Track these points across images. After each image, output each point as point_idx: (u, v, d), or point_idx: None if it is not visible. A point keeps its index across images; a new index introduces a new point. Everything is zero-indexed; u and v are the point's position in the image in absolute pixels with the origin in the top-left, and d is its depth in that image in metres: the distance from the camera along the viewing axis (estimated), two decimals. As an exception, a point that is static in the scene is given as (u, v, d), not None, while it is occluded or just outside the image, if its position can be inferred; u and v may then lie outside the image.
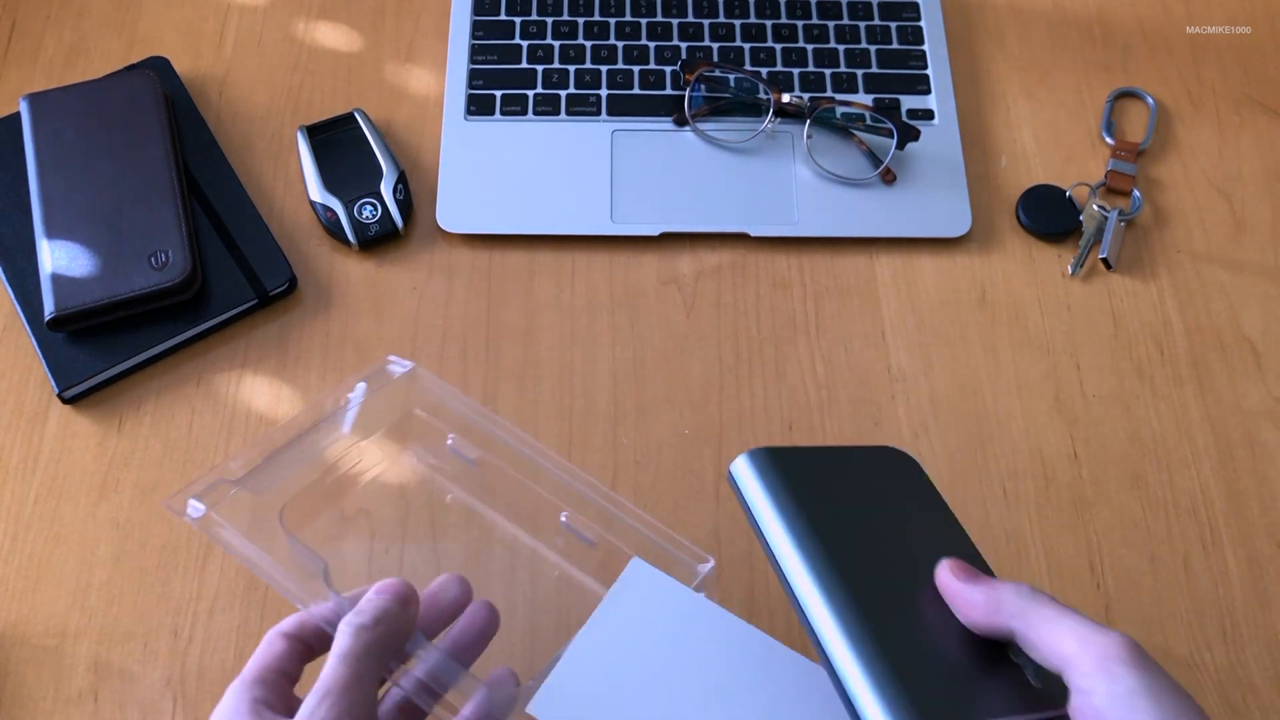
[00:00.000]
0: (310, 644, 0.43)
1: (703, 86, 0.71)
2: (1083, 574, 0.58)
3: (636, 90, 0.72)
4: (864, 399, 0.63)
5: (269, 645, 0.42)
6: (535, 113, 0.71)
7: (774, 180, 0.69)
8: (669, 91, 0.72)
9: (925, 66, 0.73)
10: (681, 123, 0.71)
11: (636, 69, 0.72)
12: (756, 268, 0.67)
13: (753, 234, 0.67)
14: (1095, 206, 0.68)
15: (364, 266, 0.66)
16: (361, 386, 0.55)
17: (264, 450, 0.50)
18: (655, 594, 0.42)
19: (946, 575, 0.37)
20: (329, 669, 0.38)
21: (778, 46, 0.74)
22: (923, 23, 0.75)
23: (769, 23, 0.74)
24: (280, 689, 0.40)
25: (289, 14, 0.75)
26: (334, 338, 0.64)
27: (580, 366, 0.63)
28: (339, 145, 0.69)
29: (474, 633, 0.46)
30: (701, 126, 0.70)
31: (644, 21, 0.74)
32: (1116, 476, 0.61)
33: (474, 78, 0.72)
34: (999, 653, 0.36)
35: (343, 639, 0.39)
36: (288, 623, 0.43)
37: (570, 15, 0.74)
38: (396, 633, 0.41)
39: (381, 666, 0.40)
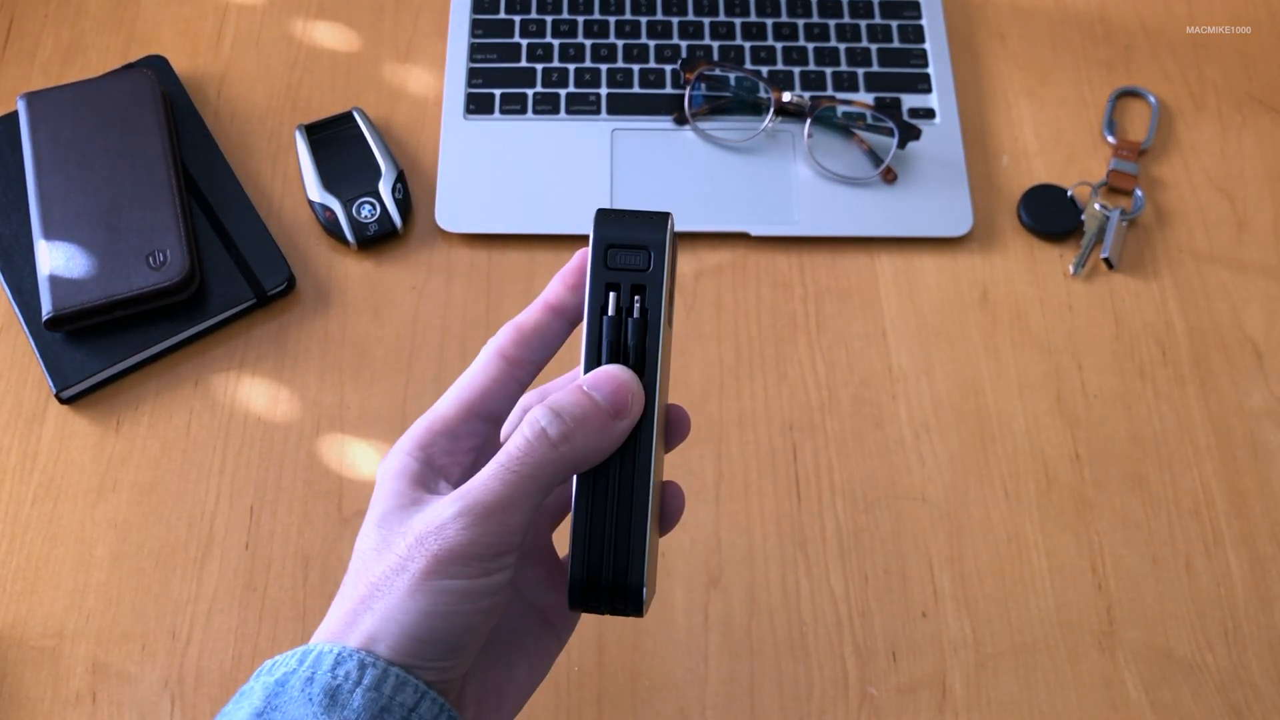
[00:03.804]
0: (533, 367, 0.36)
1: (703, 85, 0.71)
2: (1084, 575, 0.58)
3: (636, 89, 0.71)
4: (865, 399, 0.63)
5: (485, 369, 0.36)
6: (535, 111, 0.71)
7: (774, 179, 0.69)
8: (669, 90, 0.71)
9: (926, 65, 0.73)
10: (681, 122, 0.70)
11: (636, 67, 0.72)
12: (757, 267, 0.67)
13: (753, 234, 0.67)
14: (1097, 206, 0.68)
15: (363, 266, 0.66)
16: None
17: None
18: None
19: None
20: (485, 476, 0.32)
21: (778, 45, 0.73)
22: (924, 21, 0.74)
23: (769, 21, 0.74)
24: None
25: (287, 13, 0.75)
26: (333, 338, 0.64)
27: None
28: (337, 144, 0.68)
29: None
30: (702, 125, 0.70)
31: (644, 20, 0.74)
32: (1118, 477, 0.61)
33: (473, 76, 0.72)
34: None
35: (514, 444, 0.33)
36: (508, 336, 0.36)
37: (570, 14, 0.74)
38: (587, 454, 0.33)
39: (552, 488, 0.33)
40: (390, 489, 0.34)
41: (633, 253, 0.35)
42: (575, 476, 0.34)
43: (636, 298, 0.35)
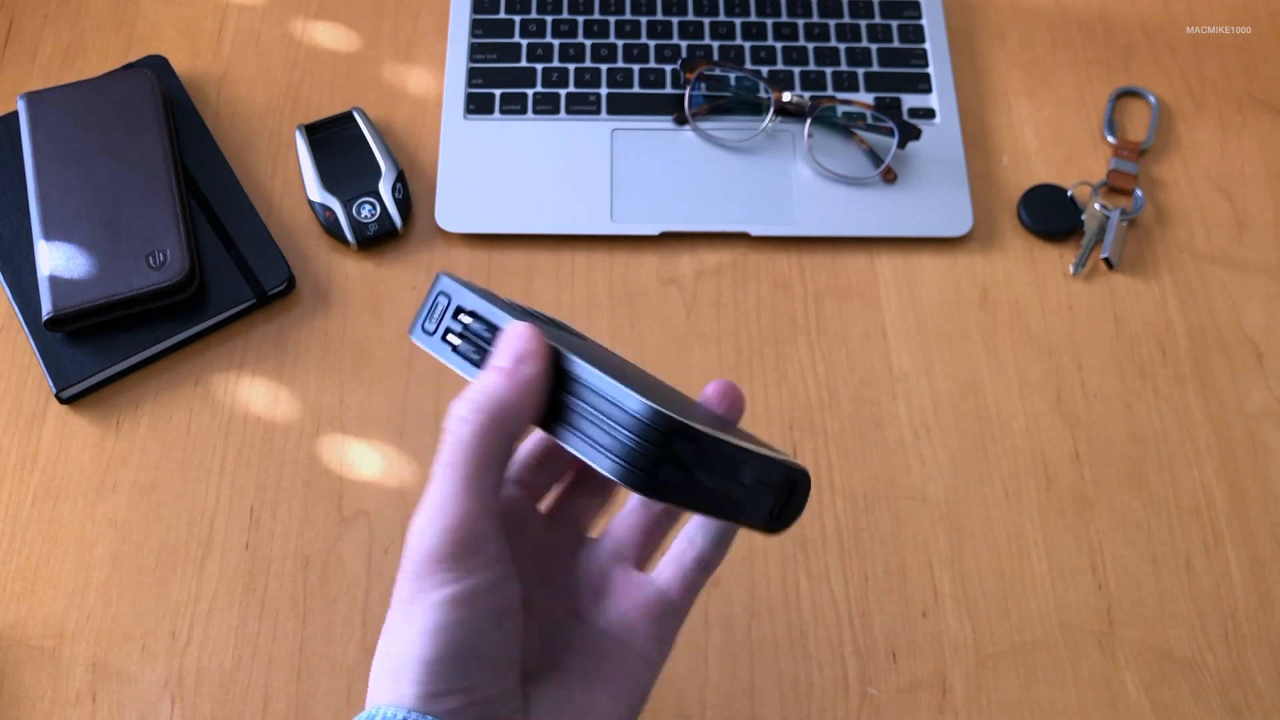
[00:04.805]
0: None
1: (703, 85, 0.71)
2: (1084, 575, 0.58)
3: (636, 89, 0.71)
4: (865, 399, 0.63)
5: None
6: (535, 111, 0.71)
7: (774, 179, 0.69)
8: (669, 90, 0.71)
9: (926, 65, 0.73)
10: (682, 121, 0.70)
11: (636, 67, 0.72)
12: (757, 267, 0.67)
13: (753, 233, 0.67)
14: (1097, 206, 0.68)
15: (362, 266, 0.66)
16: None
17: None
18: None
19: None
20: (430, 482, 0.32)
21: (778, 45, 0.73)
22: (924, 21, 0.74)
23: (769, 21, 0.74)
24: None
25: (287, 13, 0.75)
26: (332, 338, 0.64)
27: (580, 366, 0.63)
28: (337, 144, 0.68)
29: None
30: (702, 125, 0.70)
31: (644, 20, 0.74)
32: (1118, 477, 0.61)
33: (473, 76, 0.72)
34: None
35: (441, 441, 0.32)
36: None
37: (570, 14, 0.74)
38: (510, 412, 0.32)
39: (495, 461, 0.32)
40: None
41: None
42: (549, 431, 0.33)
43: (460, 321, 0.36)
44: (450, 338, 0.35)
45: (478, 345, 0.35)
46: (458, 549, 0.31)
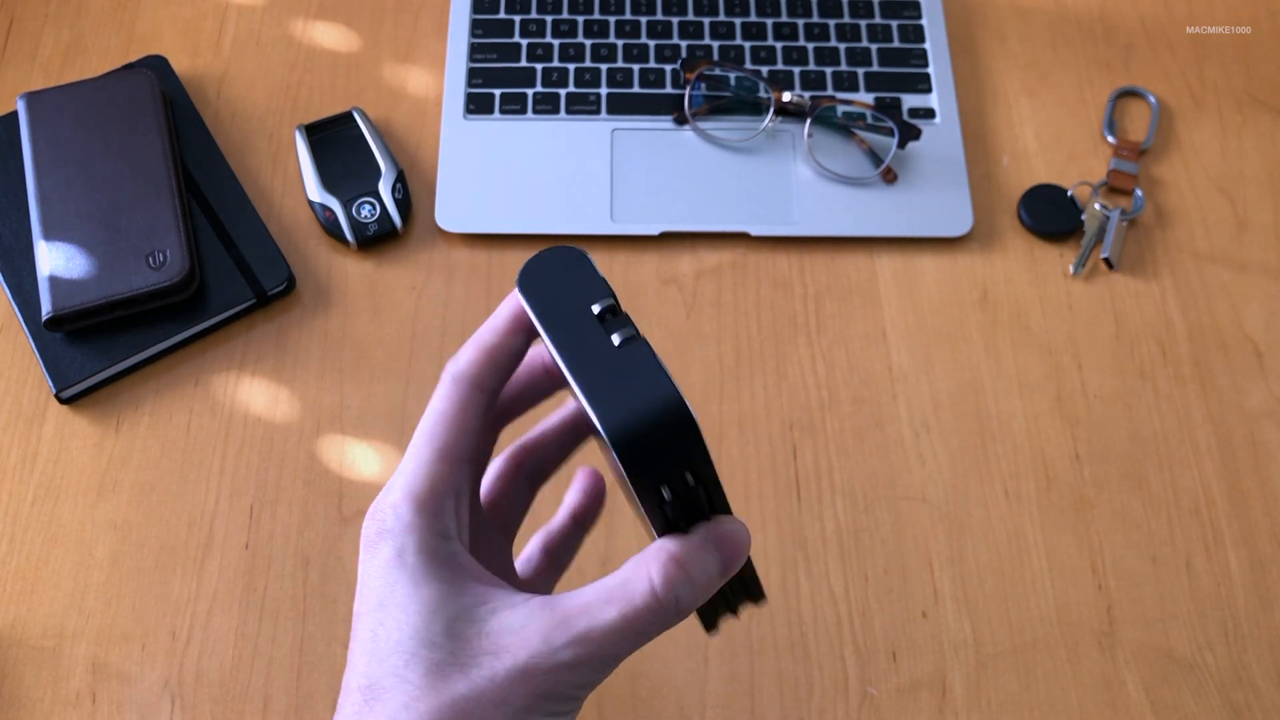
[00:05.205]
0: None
1: (703, 85, 0.71)
2: (1084, 575, 0.58)
3: (636, 89, 0.71)
4: (865, 399, 0.63)
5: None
6: (535, 111, 0.71)
7: (774, 179, 0.69)
8: (669, 90, 0.71)
9: (926, 65, 0.73)
10: (682, 121, 0.70)
11: (636, 67, 0.72)
12: (757, 267, 0.67)
13: (753, 233, 0.67)
14: (1097, 206, 0.68)
15: (362, 266, 0.66)
16: None
17: None
18: None
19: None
20: (604, 617, 0.31)
21: (778, 45, 0.73)
22: (924, 21, 0.74)
23: (769, 21, 0.74)
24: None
25: (287, 13, 0.75)
26: (332, 338, 0.64)
27: (580, 366, 0.63)
28: (337, 144, 0.68)
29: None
30: (702, 125, 0.70)
31: (644, 20, 0.74)
32: (1118, 477, 0.61)
33: (473, 76, 0.72)
34: None
35: (641, 596, 0.31)
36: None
37: (570, 14, 0.74)
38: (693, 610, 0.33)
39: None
40: (429, 573, 0.31)
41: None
42: None
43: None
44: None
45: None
46: (587, 692, 0.32)
